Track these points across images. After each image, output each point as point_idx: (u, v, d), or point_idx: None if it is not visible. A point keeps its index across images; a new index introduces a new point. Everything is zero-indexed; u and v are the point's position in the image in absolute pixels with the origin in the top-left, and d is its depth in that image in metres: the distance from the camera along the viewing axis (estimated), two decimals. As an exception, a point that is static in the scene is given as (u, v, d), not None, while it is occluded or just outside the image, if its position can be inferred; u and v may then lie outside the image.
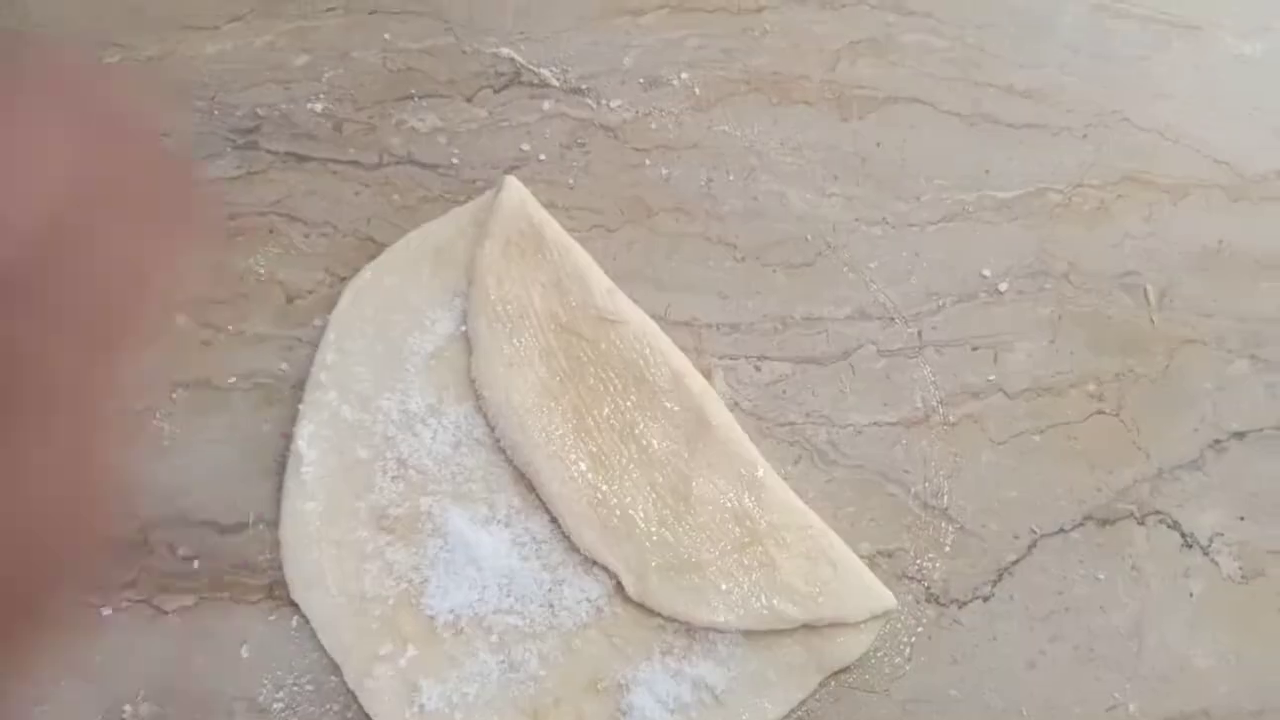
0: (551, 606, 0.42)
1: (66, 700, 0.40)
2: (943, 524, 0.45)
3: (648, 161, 0.50)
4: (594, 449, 0.43)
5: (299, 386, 0.45)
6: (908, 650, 0.43)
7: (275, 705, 0.41)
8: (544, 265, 0.46)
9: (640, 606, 0.42)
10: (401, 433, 0.44)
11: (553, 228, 0.47)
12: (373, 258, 0.47)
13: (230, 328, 0.46)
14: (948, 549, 0.45)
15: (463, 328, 0.46)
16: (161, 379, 0.45)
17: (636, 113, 0.51)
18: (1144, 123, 0.52)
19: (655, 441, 0.43)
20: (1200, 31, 0.54)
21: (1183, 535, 0.46)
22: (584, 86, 0.51)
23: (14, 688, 0.39)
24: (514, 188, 0.47)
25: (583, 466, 0.43)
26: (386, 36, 0.52)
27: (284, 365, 0.46)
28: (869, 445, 0.46)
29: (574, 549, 0.43)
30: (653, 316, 0.46)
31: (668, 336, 0.46)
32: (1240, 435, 0.47)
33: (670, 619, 0.42)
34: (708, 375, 0.46)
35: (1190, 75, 0.53)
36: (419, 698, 0.40)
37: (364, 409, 0.44)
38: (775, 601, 0.42)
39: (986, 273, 0.49)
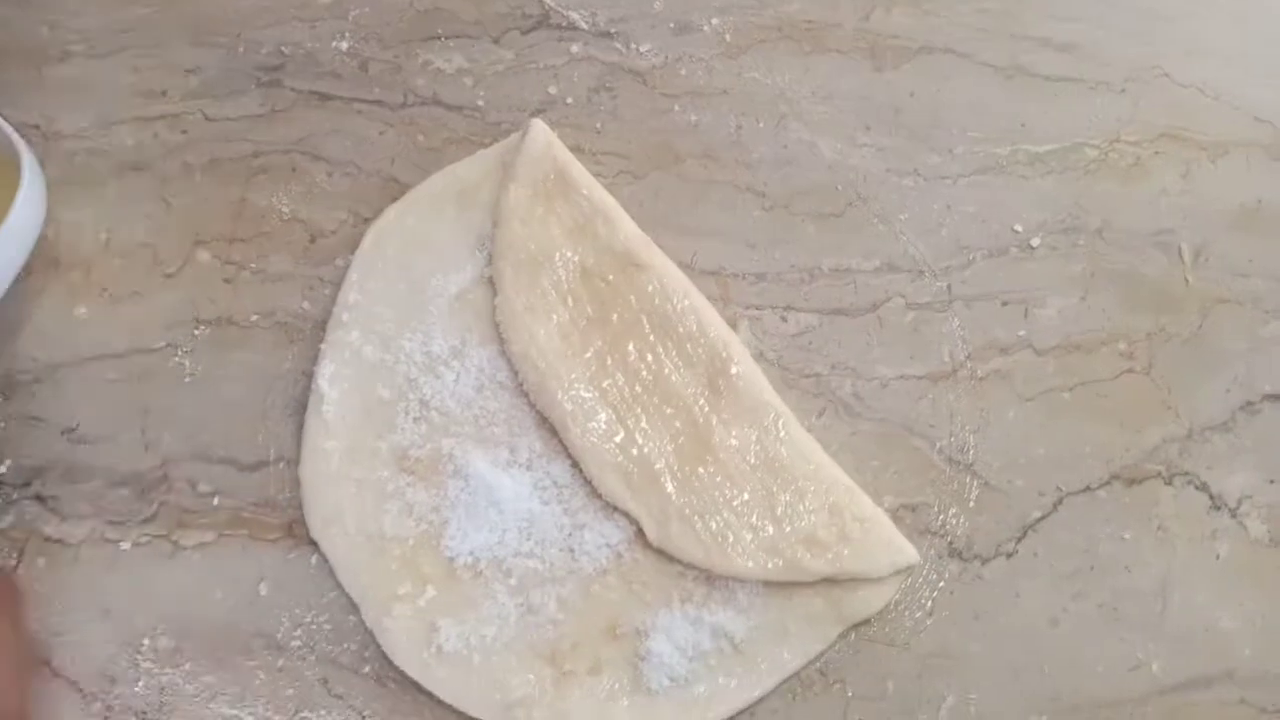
0: (571, 551, 0.42)
1: (85, 633, 0.40)
2: (968, 479, 0.44)
3: (676, 107, 0.49)
4: (617, 394, 0.43)
5: (320, 325, 0.45)
6: (929, 605, 0.43)
7: (293, 643, 0.41)
8: (569, 209, 0.45)
9: (660, 553, 0.42)
10: (424, 374, 0.43)
11: (579, 171, 0.46)
12: (396, 198, 0.47)
13: (252, 266, 0.46)
14: (972, 504, 0.44)
15: (487, 270, 0.45)
16: (184, 315, 0.45)
17: (666, 58, 0.50)
18: (1183, 79, 0.51)
19: (679, 388, 0.43)
20: (1245, -14, 0.53)
21: (1211, 497, 0.45)
22: (613, 30, 0.51)
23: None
24: (540, 130, 0.46)
25: (605, 412, 0.43)
26: (413, -26, 0.51)
27: (306, 304, 0.45)
28: (895, 398, 0.45)
29: (595, 494, 0.42)
30: (679, 264, 0.46)
31: (693, 284, 0.45)
32: (1273, 398, 0.47)
33: (690, 566, 0.41)
34: (733, 324, 0.45)
35: (1232, 31, 0.52)
36: (437, 638, 0.40)
37: (386, 349, 0.44)
38: (797, 553, 0.41)
39: (1019, 227, 0.48)
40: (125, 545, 0.42)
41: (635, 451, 0.42)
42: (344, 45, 0.50)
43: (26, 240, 0.45)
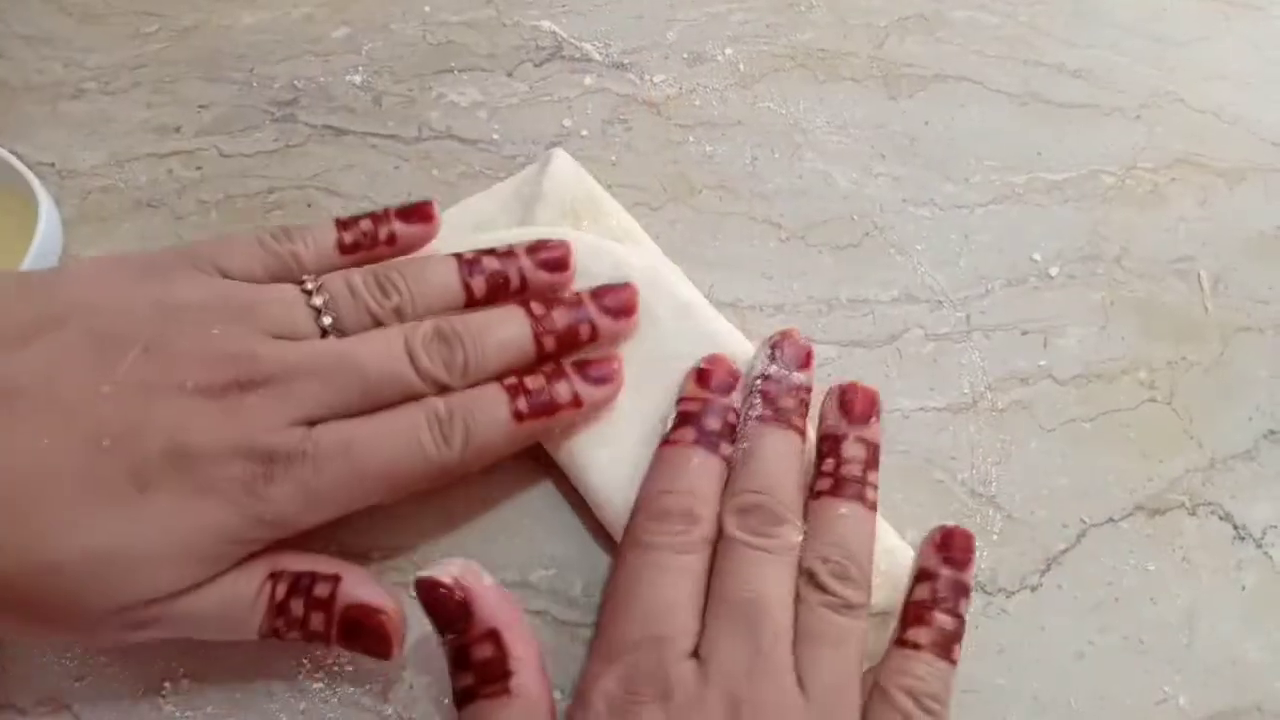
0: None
1: (106, 676, 0.40)
2: (990, 512, 0.44)
3: (691, 138, 0.49)
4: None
5: (338, 363, 0.44)
6: (954, 639, 0.42)
7: (315, 685, 0.40)
8: (599, 231, 0.45)
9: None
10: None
11: (606, 195, 0.46)
12: (412, 233, 0.47)
13: (269, 303, 0.46)
14: (995, 537, 0.44)
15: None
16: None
17: (680, 89, 0.50)
18: (1199, 104, 0.51)
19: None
20: (1259, 11, 0.53)
21: (1235, 527, 0.45)
22: (626, 61, 0.51)
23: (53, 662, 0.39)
24: (564, 156, 0.46)
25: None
26: (426, 9, 0.51)
27: (324, 341, 0.45)
28: (915, 430, 0.45)
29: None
30: (696, 296, 0.46)
31: (713, 316, 0.45)
32: (1295, 425, 0.46)
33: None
34: (753, 357, 0.45)
35: (1248, 56, 0.52)
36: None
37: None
38: (822, 587, 0.41)
39: (1037, 256, 0.48)
40: (145, 587, 0.41)
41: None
42: (357, 79, 0.50)
43: (43, 280, 0.45)
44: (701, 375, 0.40)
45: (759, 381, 0.40)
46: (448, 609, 0.35)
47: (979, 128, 0.50)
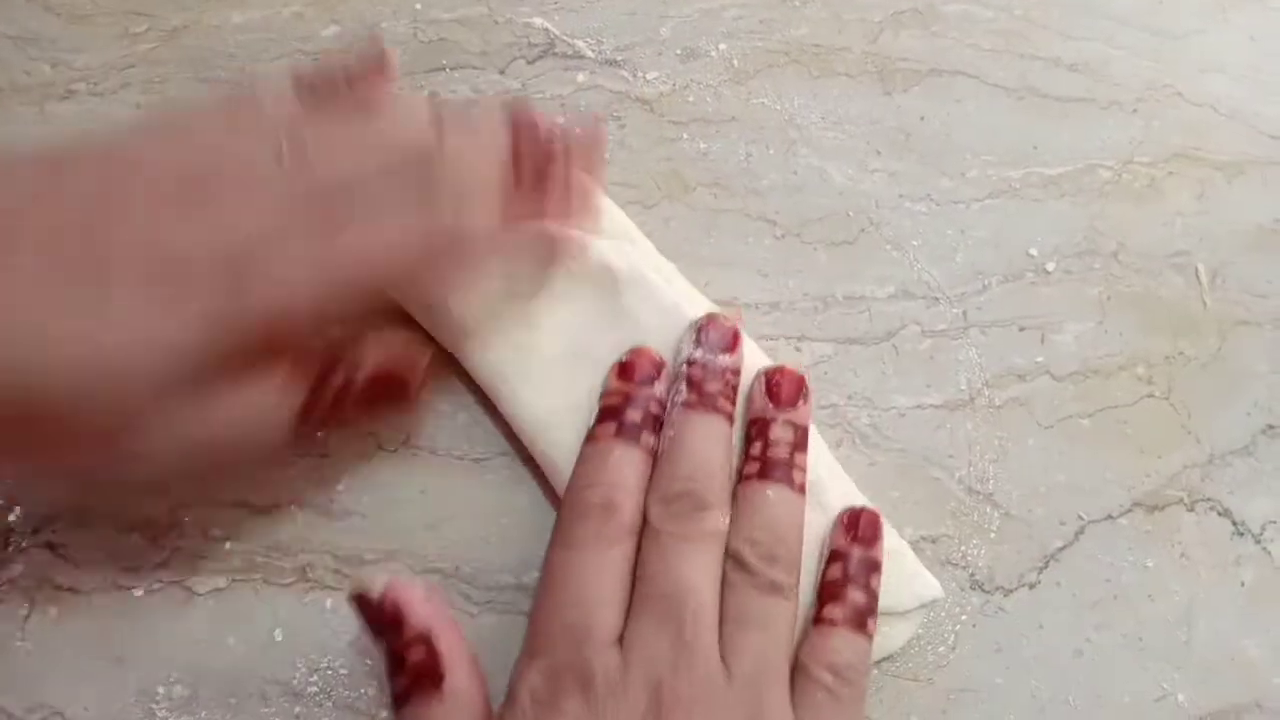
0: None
1: (100, 681, 0.40)
2: (988, 509, 0.44)
3: (685, 135, 0.49)
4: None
5: (330, 365, 0.44)
6: (952, 638, 0.42)
7: (309, 689, 0.40)
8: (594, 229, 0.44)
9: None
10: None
11: (599, 193, 0.45)
12: (405, 233, 0.46)
13: (260, 304, 0.45)
14: (993, 535, 0.44)
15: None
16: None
17: (674, 85, 0.50)
18: (1196, 97, 0.51)
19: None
20: (1257, 3, 0.52)
21: (1234, 523, 0.45)
22: (619, 58, 0.50)
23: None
24: None
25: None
26: (417, 7, 0.51)
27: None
28: (912, 428, 0.45)
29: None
30: (691, 295, 0.45)
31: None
32: (1294, 420, 0.46)
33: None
34: (748, 355, 0.45)
35: (1246, 48, 0.52)
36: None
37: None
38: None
39: (1034, 251, 0.48)
40: (138, 592, 0.41)
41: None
42: (349, 78, 0.49)
43: (33, 283, 0.44)
44: (623, 368, 0.40)
45: (685, 367, 0.40)
46: (380, 617, 0.35)
47: (975, 122, 0.50)
